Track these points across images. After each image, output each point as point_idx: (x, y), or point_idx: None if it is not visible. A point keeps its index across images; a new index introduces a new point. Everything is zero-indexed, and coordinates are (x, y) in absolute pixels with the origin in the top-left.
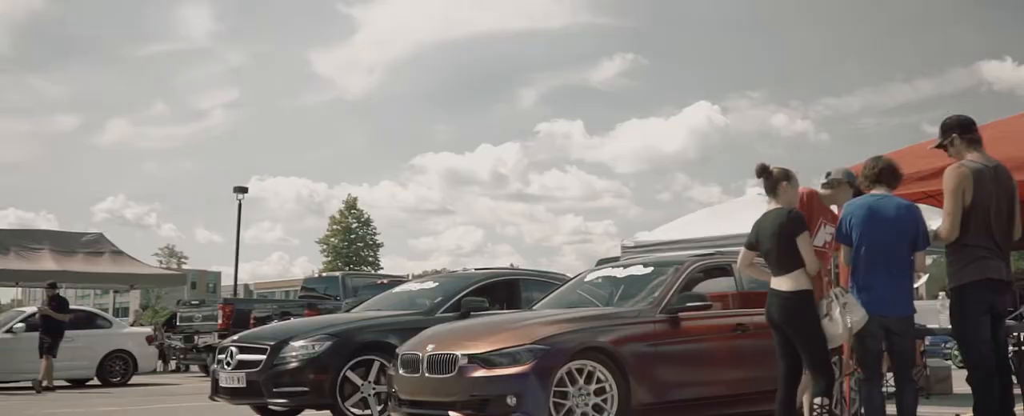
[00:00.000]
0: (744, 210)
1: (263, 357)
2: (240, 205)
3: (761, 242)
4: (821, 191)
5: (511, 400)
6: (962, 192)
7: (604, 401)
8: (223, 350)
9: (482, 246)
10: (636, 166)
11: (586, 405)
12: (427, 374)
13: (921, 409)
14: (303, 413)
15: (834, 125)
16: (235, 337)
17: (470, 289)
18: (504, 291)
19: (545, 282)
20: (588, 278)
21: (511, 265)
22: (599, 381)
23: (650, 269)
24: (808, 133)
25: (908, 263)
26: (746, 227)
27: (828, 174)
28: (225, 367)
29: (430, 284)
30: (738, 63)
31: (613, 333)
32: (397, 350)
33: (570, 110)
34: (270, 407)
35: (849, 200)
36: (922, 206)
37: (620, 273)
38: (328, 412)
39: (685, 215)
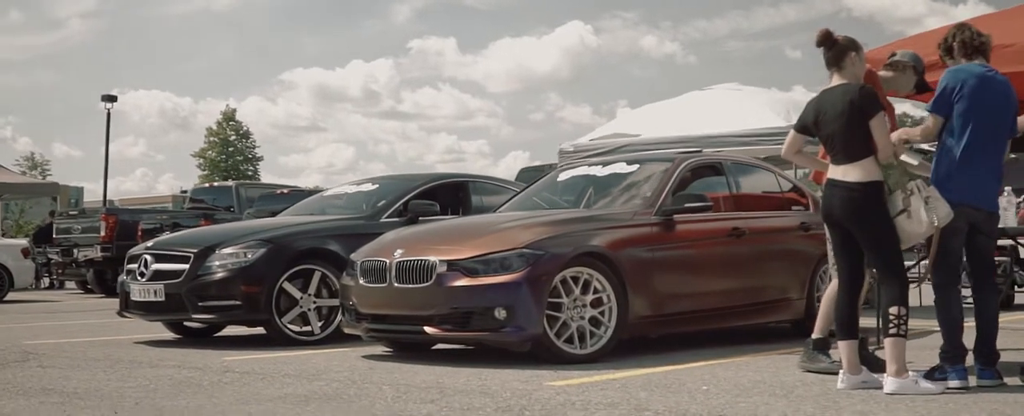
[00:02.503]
0: (682, 110)
1: (185, 267)
2: (109, 115)
3: (822, 123)
4: (882, 73)
5: (500, 313)
6: None
7: (601, 314)
8: (135, 259)
9: (354, 164)
10: (509, 85)
11: (582, 319)
12: (396, 284)
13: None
14: (226, 329)
15: (702, 48)
16: (149, 244)
17: (416, 192)
18: (451, 195)
19: (496, 186)
20: (561, 177)
21: None
22: (596, 291)
23: (635, 167)
24: (676, 55)
25: (1004, 149)
26: (689, 128)
27: (892, 55)
28: (138, 278)
29: (369, 186)
30: None
31: (608, 236)
32: (352, 257)
33: (443, 27)
34: (187, 323)
35: (909, 87)
36: None
37: (600, 172)
38: (261, 330)
39: (604, 125)
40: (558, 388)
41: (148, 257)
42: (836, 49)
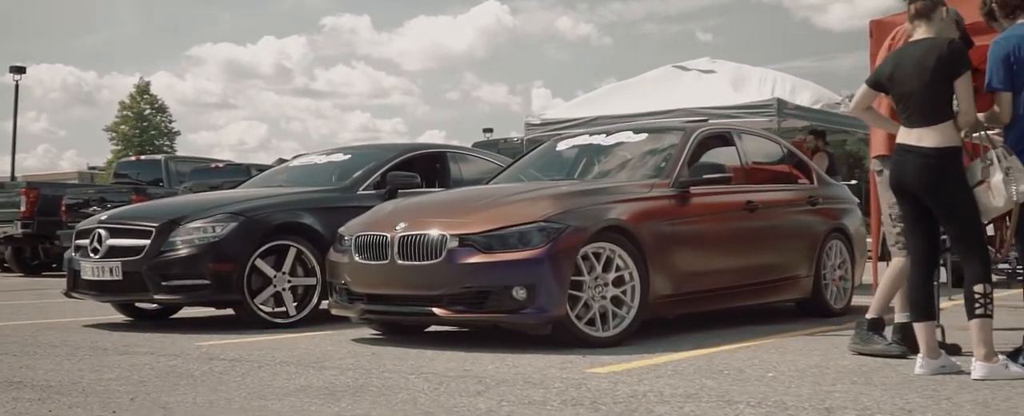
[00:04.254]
0: (646, 87)
1: (145, 242)
2: (17, 87)
3: (899, 80)
4: None
5: (519, 293)
6: None
7: (624, 293)
8: (85, 234)
9: (266, 142)
10: (424, 64)
11: (604, 298)
12: (399, 261)
13: None
14: (182, 311)
15: (617, 30)
16: (103, 217)
17: (394, 163)
18: (429, 167)
19: (477, 158)
20: (560, 147)
21: None
22: (618, 269)
23: (643, 136)
24: (591, 37)
25: None
26: (655, 104)
27: None
28: (90, 255)
29: (340, 156)
30: None
31: (628, 209)
32: (342, 231)
33: (356, 4)
34: (139, 305)
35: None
36: None
37: (604, 141)
38: (222, 312)
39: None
40: (609, 376)
41: (102, 232)
42: (929, 1)
